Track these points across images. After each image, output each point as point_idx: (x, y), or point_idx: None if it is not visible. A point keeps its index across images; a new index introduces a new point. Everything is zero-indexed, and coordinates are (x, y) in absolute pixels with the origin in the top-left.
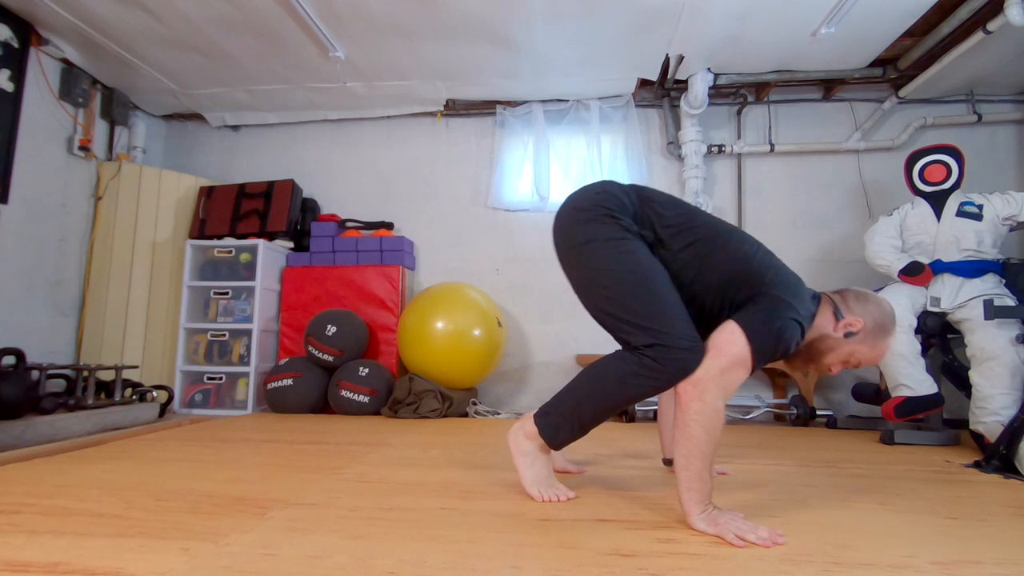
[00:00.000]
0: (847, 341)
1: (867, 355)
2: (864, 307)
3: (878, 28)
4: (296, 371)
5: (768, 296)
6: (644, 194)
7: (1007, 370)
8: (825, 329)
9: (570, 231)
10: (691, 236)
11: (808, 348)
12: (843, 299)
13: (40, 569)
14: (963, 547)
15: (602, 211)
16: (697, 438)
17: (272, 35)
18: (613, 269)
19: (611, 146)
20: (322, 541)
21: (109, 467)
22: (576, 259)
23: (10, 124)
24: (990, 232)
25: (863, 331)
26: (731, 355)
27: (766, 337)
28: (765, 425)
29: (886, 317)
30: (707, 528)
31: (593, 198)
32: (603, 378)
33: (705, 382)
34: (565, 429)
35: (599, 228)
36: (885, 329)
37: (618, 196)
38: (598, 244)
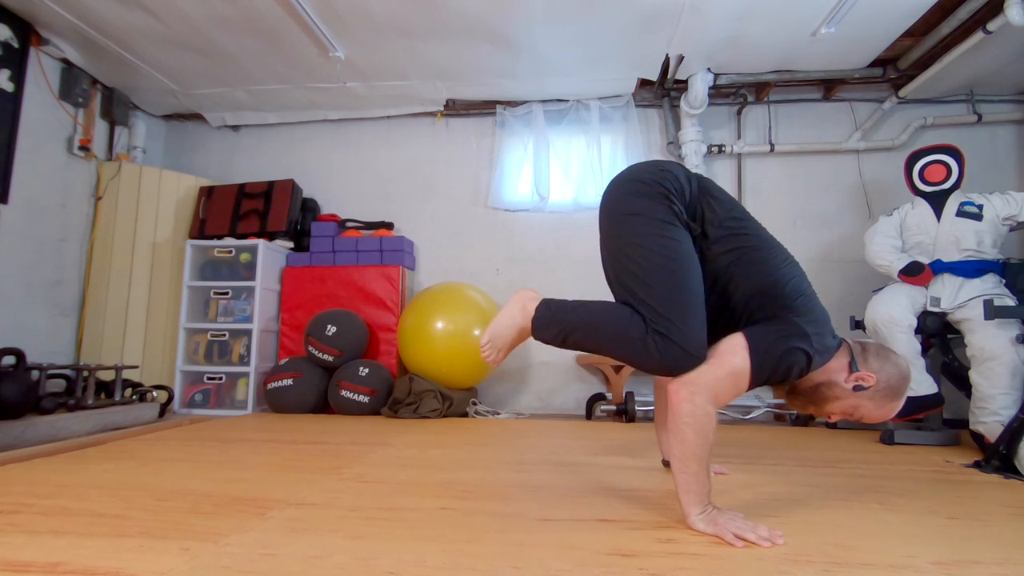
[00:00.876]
0: (854, 394)
1: (872, 413)
2: (882, 365)
3: (878, 28)
4: (296, 371)
5: (787, 320)
6: (705, 186)
7: (1007, 370)
8: (836, 376)
9: (622, 199)
10: (737, 243)
11: (814, 390)
12: (863, 351)
13: (40, 569)
14: (963, 547)
15: (660, 189)
16: (690, 441)
17: (272, 35)
18: (652, 249)
19: (611, 146)
20: (322, 541)
21: (109, 467)
22: (619, 228)
23: (10, 124)
24: (990, 232)
25: (874, 389)
26: (730, 366)
27: (769, 357)
28: (765, 425)
29: (902, 380)
30: (706, 528)
31: (655, 174)
32: (612, 323)
33: (697, 385)
34: (551, 332)
35: (652, 204)
36: (897, 392)
37: (679, 179)
38: (646, 220)
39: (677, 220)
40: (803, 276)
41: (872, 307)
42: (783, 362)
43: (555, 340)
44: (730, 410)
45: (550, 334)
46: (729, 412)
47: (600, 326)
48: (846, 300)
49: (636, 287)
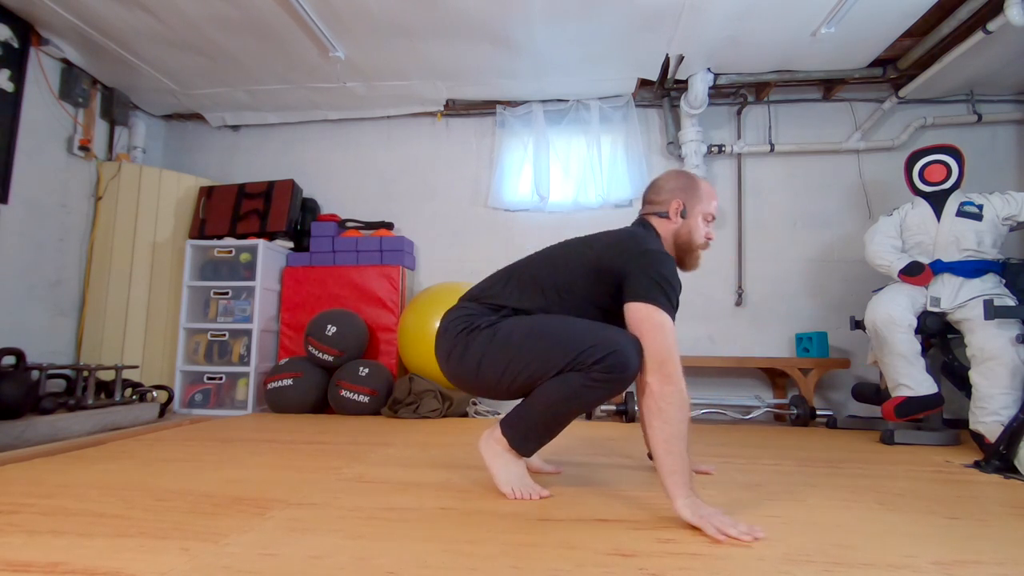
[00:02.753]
0: (687, 219)
1: (706, 205)
2: (664, 191)
3: (878, 28)
4: (296, 371)
5: (632, 265)
6: (474, 295)
7: (1007, 370)
8: (670, 229)
9: (460, 370)
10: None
11: (679, 249)
12: (652, 204)
13: (40, 569)
14: (963, 547)
15: (464, 333)
16: (675, 419)
17: (272, 35)
18: (518, 355)
19: (611, 146)
20: (322, 541)
21: (109, 467)
22: (490, 379)
23: (10, 124)
24: (990, 232)
25: (686, 202)
26: (659, 327)
27: (660, 290)
28: (765, 425)
29: (680, 177)
30: (690, 517)
31: (448, 334)
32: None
33: (668, 364)
34: (532, 438)
35: (474, 347)
36: (691, 184)
37: (461, 315)
38: (488, 357)
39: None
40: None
41: (872, 307)
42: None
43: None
44: (730, 410)
45: (534, 442)
46: (729, 412)
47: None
48: (846, 300)
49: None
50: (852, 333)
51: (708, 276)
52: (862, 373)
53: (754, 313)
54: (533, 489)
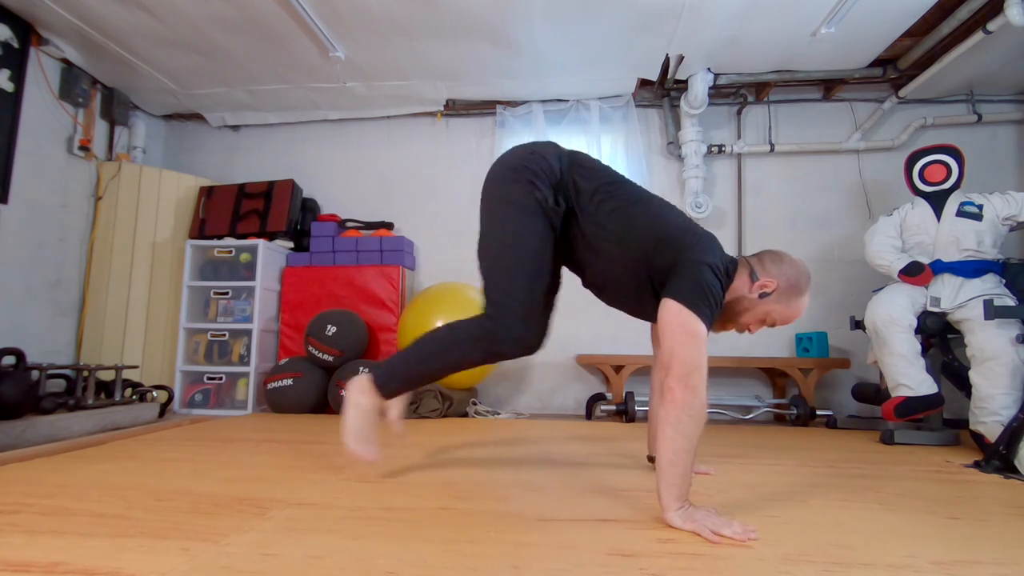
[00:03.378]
0: (762, 301)
1: (782, 314)
2: (779, 268)
3: (878, 28)
4: (296, 371)
5: (689, 262)
6: (577, 160)
7: (1007, 370)
8: (742, 291)
9: (491, 184)
10: (614, 203)
11: (726, 308)
12: (759, 261)
13: (40, 569)
14: (963, 547)
15: (526, 174)
16: (689, 433)
17: (272, 35)
18: (501, 234)
19: (611, 146)
20: (322, 541)
21: (109, 467)
22: (485, 210)
23: (10, 124)
24: (990, 232)
25: (777, 291)
26: (692, 336)
27: (705, 301)
28: (765, 425)
29: (800, 277)
30: (683, 525)
31: (523, 158)
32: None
33: (695, 375)
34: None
35: (514, 191)
36: (799, 289)
37: (547, 159)
38: (503, 204)
39: (538, 206)
40: (680, 213)
41: (872, 307)
42: (712, 297)
43: (405, 385)
44: (730, 410)
45: (397, 383)
46: (729, 412)
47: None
48: (846, 300)
49: (484, 266)
50: (852, 333)
51: None
52: (862, 373)
53: None
54: (371, 450)
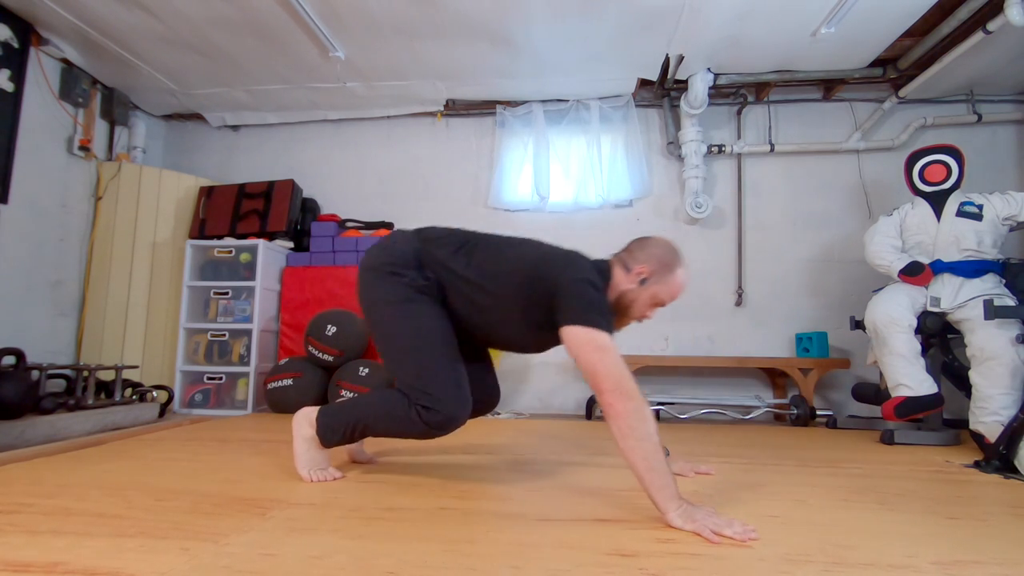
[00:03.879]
0: (644, 287)
1: (667, 291)
2: (647, 252)
3: (878, 28)
4: (296, 371)
5: (567, 285)
6: (424, 235)
7: (1007, 370)
8: (623, 285)
9: (362, 292)
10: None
11: (616, 307)
12: (628, 253)
13: (40, 569)
14: (963, 547)
15: (386, 269)
16: (647, 433)
17: (272, 35)
18: (394, 333)
19: (611, 146)
20: (322, 541)
21: (109, 467)
22: (371, 320)
23: (10, 124)
24: (990, 232)
25: (653, 274)
26: (602, 349)
27: (599, 313)
28: (765, 425)
29: (668, 253)
30: (684, 525)
31: (378, 256)
32: (381, 410)
33: (623, 381)
34: (337, 437)
35: (383, 289)
36: (671, 264)
37: (398, 247)
38: (382, 306)
39: (411, 291)
40: (539, 243)
41: (872, 307)
42: (601, 306)
43: (345, 440)
44: (730, 410)
45: (337, 438)
46: (729, 412)
47: (372, 416)
48: (846, 300)
49: (393, 369)
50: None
51: (708, 276)
52: (862, 373)
53: (754, 313)
54: (328, 472)
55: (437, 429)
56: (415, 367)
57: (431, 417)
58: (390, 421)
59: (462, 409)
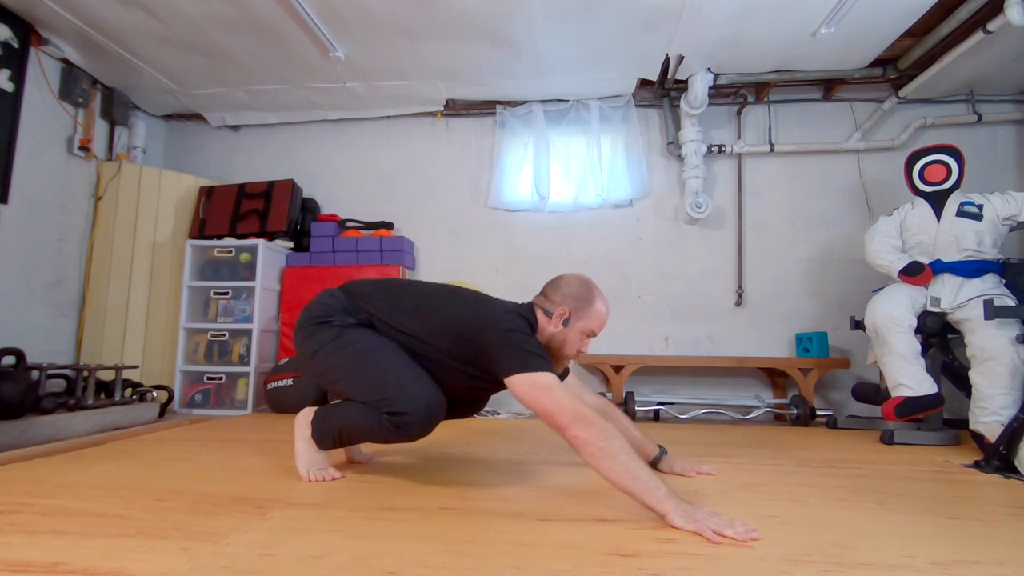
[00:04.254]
0: (569, 328)
1: (591, 324)
2: (561, 292)
3: (878, 28)
4: (296, 371)
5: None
6: (351, 290)
7: (1007, 370)
8: (549, 329)
9: (300, 352)
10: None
11: (550, 350)
12: (544, 298)
13: (40, 569)
14: (963, 547)
15: (315, 322)
16: (618, 450)
17: (272, 35)
18: (340, 365)
19: (611, 146)
20: (322, 541)
21: (109, 467)
22: (315, 370)
23: (10, 124)
24: (990, 232)
25: (573, 313)
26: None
27: (533, 356)
28: (765, 425)
29: (581, 288)
30: (686, 525)
31: (305, 315)
32: (357, 419)
33: (579, 411)
34: (329, 441)
35: (317, 338)
36: (587, 299)
37: (325, 302)
38: (321, 351)
39: (343, 328)
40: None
41: (872, 307)
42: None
43: (337, 445)
44: (730, 410)
45: (329, 442)
46: (729, 412)
47: (353, 426)
48: (846, 300)
49: (352, 395)
50: (852, 333)
51: (708, 276)
52: (862, 373)
53: (754, 313)
54: (327, 472)
55: (414, 430)
56: (367, 382)
57: (402, 420)
58: (368, 431)
59: (431, 404)
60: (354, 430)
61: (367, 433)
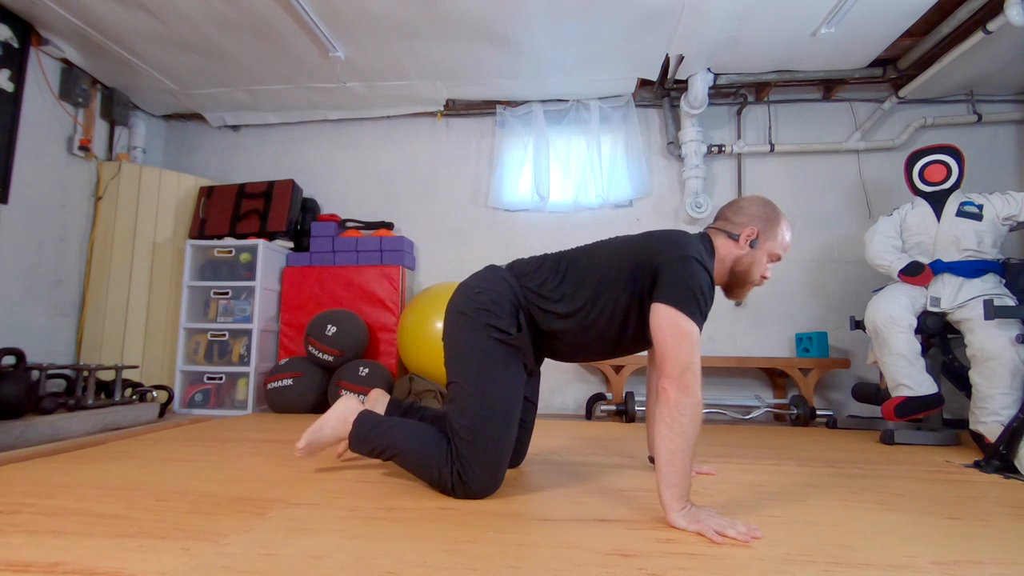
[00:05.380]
0: (756, 249)
1: (780, 245)
2: (746, 214)
3: (878, 28)
4: (296, 371)
5: (671, 261)
6: (516, 270)
7: (1007, 370)
8: (734, 253)
9: (449, 332)
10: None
11: (733, 276)
12: (726, 221)
13: (40, 569)
14: (963, 547)
15: (482, 319)
16: (685, 432)
17: (272, 35)
18: (471, 385)
19: (611, 146)
20: (322, 541)
21: (109, 467)
22: (451, 358)
23: (10, 124)
24: (990, 232)
25: (761, 233)
26: (685, 337)
27: (694, 300)
28: (765, 425)
29: (767, 208)
30: (687, 525)
31: (475, 299)
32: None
33: (687, 374)
34: (366, 448)
35: (473, 339)
36: (774, 218)
37: (497, 289)
38: (467, 354)
39: (502, 347)
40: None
41: (872, 307)
42: (701, 293)
43: (370, 455)
44: (730, 410)
45: (365, 450)
46: (729, 412)
47: (408, 452)
48: (846, 300)
49: (453, 411)
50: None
51: None
52: (862, 373)
53: (754, 313)
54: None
55: (460, 496)
56: (472, 429)
57: (460, 487)
58: (420, 468)
59: (491, 490)
60: (407, 457)
61: (418, 468)
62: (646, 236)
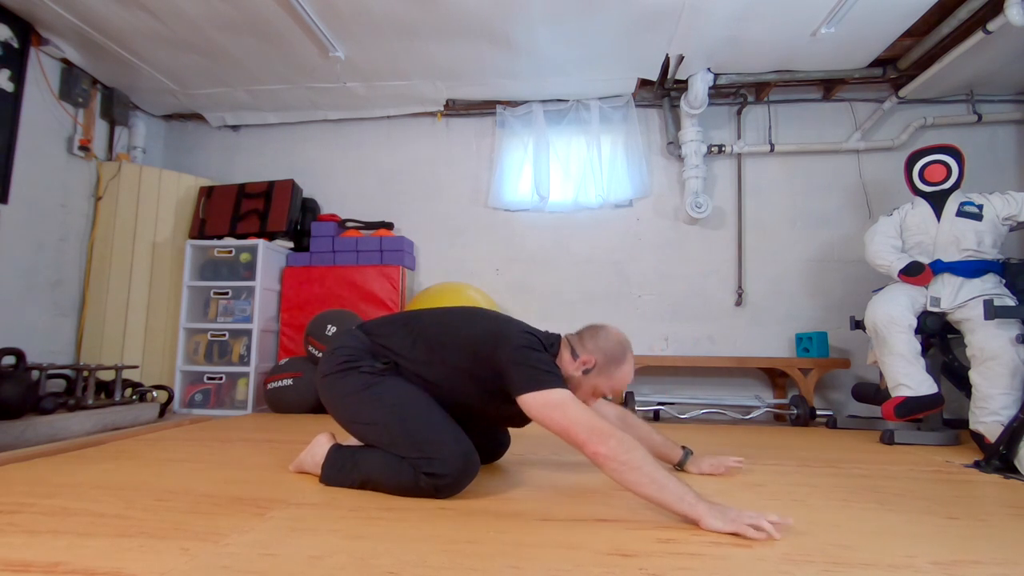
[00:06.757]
0: (586, 377)
1: (607, 386)
2: (596, 343)
3: (878, 28)
4: (296, 371)
5: (507, 354)
6: (366, 328)
7: (1007, 370)
8: (567, 370)
9: (326, 399)
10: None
11: None
12: (579, 339)
13: (40, 569)
14: (963, 547)
15: (342, 367)
16: (641, 461)
17: (272, 35)
18: (376, 420)
19: (611, 146)
20: (322, 541)
21: (109, 467)
22: (343, 417)
23: (10, 124)
24: (990, 232)
25: (597, 366)
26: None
27: (546, 373)
28: (765, 425)
29: (617, 348)
30: (724, 526)
31: (330, 359)
32: (390, 475)
33: (595, 426)
34: (340, 482)
35: (344, 385)
36: (617, 360)
37: (349, 344)
38: (350, 400)
39: (372, 376)
40: (480, 316)
41: (872, 307)
42: (545, 364)
43: (351, 487)
44: (730, 410)
45: (336, 484)
46: (729, 412)
47: (380, 481)
48: (846, 300)
49: (386, 443)
50: (852, 333)
51: (708, 276)
52: (862, 373)
53: (754, 313)
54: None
55: (448, 490)
56: (407, 438)
57: (439, 481)
58: (400, 489)
59: (468, 463)
60: (382, 484)
61: (397, 490)
62: (487, 328)
